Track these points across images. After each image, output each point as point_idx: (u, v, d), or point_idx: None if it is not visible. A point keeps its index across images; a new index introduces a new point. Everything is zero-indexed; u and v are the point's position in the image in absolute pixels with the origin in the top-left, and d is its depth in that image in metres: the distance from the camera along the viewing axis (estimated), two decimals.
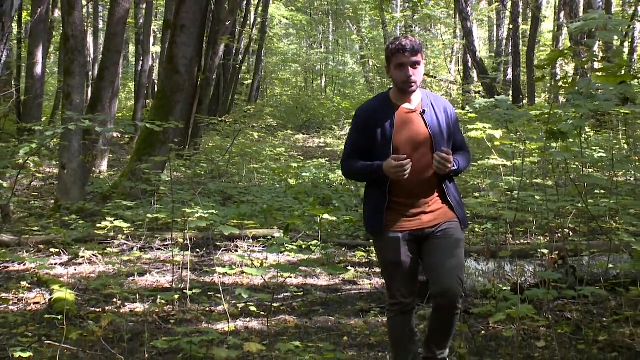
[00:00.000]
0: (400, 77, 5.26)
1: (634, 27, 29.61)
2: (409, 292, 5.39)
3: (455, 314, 5.26)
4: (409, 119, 5.35)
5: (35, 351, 6.78)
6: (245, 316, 8.23)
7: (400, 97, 5.40)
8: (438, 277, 5.21)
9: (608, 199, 10.60)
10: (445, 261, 5.23)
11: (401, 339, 5.44)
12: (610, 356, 6.79)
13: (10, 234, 11.87)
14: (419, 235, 5.33)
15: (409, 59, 5.21)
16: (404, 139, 5.30)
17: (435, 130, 5.33)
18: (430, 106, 5.41)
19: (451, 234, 5.33)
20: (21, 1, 9.95)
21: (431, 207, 5.35)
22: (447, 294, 5.15)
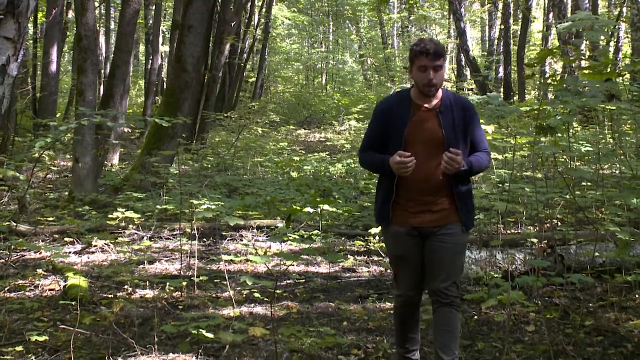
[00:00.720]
0: (421, 79, 5.14)
1: (619, 28, 29.68)
2: (413, 285, 5.33)
3: (452, 311, 5.21)
4: (425, 118, 5.22)
5: (51, 335, 6.79)
6: (249, 302, 8.24)
7: (420, 96, 5.26)
8: (433, 278, 5.20)
9: (594, 190, 10.61)
10: (441, 265, 5.19)
11: (405, 329, 5.41)
12: (596, 340, 6.80)
13: (26, 224, 11.87)
14: (420, 232, 5.24)
15: (432, 63, 5.08)
16: (416, 137, 5.18)
17: (449, 130, 5.19)
18: (449, 106, 5.26)
19: (451, 238, 5.22)
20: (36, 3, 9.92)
21: (437, 207, 5.22)
22: (441, 292, 5.16)
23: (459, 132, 5.21)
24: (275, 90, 47.00)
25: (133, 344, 6.51)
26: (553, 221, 10.87)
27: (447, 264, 5.20)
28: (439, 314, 5.22)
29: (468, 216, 5.30)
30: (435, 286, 5.18)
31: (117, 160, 20.13)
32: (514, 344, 6.71)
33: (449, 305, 5.19)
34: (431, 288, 5.23)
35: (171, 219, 12.08)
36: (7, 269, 9.63)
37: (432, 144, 5.17)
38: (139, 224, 11.55)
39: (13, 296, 8.40)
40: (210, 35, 19.50)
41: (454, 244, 5.23)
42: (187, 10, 16.16)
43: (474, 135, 5.31)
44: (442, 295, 5.17)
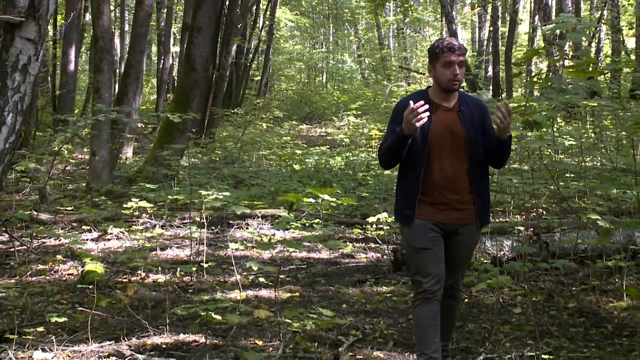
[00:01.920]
0: (447, 75, 4.95)
1: (600, 29, 29.65)
2: (435, 280, 4.98)
3: (455, 302, 5.22)
4: (446, 117, 5.04)
5: (69, 317, 6.79)
6: (255, 286, 8.24)
7: (439, 95, 5.09)
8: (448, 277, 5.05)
9: (577, 182, 10.61)
10: (457, 262, 5.11)
11: (425, 328, 5.03)
12: (578, 321, 6.80)
13: (47, 213, 11.87)
14: (444, 229, 5.03)
15: (458, 58, 4.94)
16: (440, 135, 4.98)
17: (470, 128, 5.02)
18: (466, 105, 5.11)
19: (470, 238, 5.12)
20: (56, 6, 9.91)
21: (461, 205, 5.03)
22: (451, 289, 5.11)
23: (478, 129, 5.06)
24: (279, 88, 46.93)
25: (146, 325, 6.52)
26: (538, 210, 10.86)
27: (462, 262, 5.17)
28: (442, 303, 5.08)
29: (484, 214, 5.14)
30: (447, 281, 5.06)
31: (131, 154, 20.14)
32: (502, 325, 6.71)
33: (452, 297, 5.16)
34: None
35: (182, 208, 12.07)
36: (29, 255, 9.63)
37: (455, 142, 5.00)
38: (152, 213, 11.55)
39: (34, 280, 8.41)
40: (218, 36, 19.47)
41: (471, 243, 5.19)
42: (197, 13, 16.15)
43: (491, 133, 5.10)
44: (450, 289, 5.12)
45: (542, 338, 6.28)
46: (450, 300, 5.17)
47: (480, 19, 37.40)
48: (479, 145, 5.05)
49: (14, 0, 9.03)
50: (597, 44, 31.21)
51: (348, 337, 6.40)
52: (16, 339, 5.99)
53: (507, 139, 4.97)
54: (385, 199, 13.18)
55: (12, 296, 7.33)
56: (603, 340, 6.25)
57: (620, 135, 14.85)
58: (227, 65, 23.46)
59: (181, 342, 6.24)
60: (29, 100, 9.29)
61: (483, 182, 5.13)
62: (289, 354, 5.93)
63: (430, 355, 4.93)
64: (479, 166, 5.06)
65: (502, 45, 31.79)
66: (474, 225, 5.09)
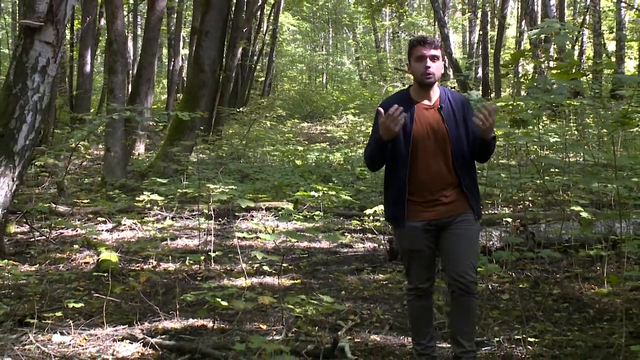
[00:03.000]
0: (419, 68, 4.73)
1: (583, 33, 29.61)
2: (425, 278, 4.89)
3: (472, 299, 4.78)
4: (427, 115, 4.79)
5: (86, 302, 6.80)
6: (259, 274, 8.24)
7: (419, 93, 4.84)
8: (453, 265, 4.77)
9: (561, 176, 10.60)
10: (460, 251, 4.79)
11: (418, 321, 4.98)
12: (562, 306, 6.81)
13: (64, 205, 11.88)
14: (437, 225, 4.79)
15: (429, 51, 4.71)
16: (422, 133, 4.75)
17: (452, 124, 4.78)
18: (448, 102, 4.84)
19: (467, 225, 4.80)
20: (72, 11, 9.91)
21: (448, 199, 4.79)
22: (461, 279, 4.72)
23: (460, 126, 4.83)
24: (282, 88, 46.89)
25: (157, 310, 6.52)
26: (525, 203, 10.86)
27: (466, 249, 4.79)
28: (457, 301, 4.82)
29: (477, 205, 4.88)
30: (454, 273, 4.75)
31: (143, 150, 20.11)
32: (491, 310, 6.71)
33: (466, 293, 4.76)
34: (451, 276, 4.79)
35: (190, 201, 12.07)
36: (48, 245, 9.65)
37: (437, 139, 4.77)
38: (163, 206, 11.55)
39: (53, 268, 8.42)
40: (225, 40, 19.42)
41: (470, 230, 4.82)
42: (204, 18, 16.14)
43: (475, 129, 4.80)
44: (460, 283, 4.73)
45: (529, 322, 6.28)
46: (466, 296, 4.75)
47: (471, 23, 37.38)
48: (463, 141, 4.83)
49: (33, 5, 9.02)
50: (580, 47, 31.20)
51: (347, 322, 6.40)
52: (36, 323, 6.00)
53: (490, 140, 4.74)
54: (382, 193, 13.17)
55: (33, 283, 7.36)
56: (585, 324, 6.26)
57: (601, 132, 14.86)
58: (233, 66, 23.44)
59: (190, 326, 6.25)
60: (48, 100, 9.28)
61: (470, 176, 4.88)
62: (292, 337, 5.93)
63: (426, 345, 4.91)
64: (464, 162, 4.82)
65: (491, 48, 31.75)
66: (468, 214, 4.82)
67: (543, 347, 5.67)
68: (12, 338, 5.69)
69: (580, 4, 36.01)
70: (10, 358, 5.11)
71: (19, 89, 8.70)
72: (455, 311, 4.86)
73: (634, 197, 8.41)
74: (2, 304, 6.67)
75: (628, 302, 6.55)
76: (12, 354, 5.24)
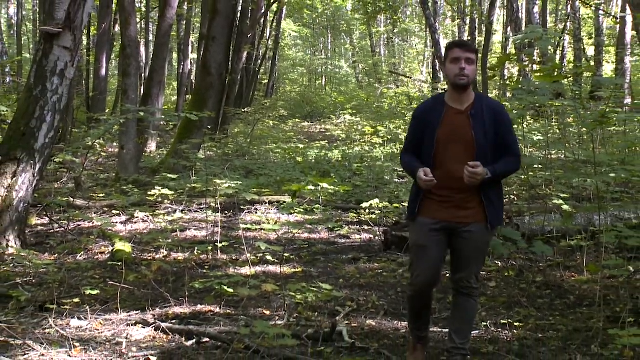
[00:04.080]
0: (453, 70, 4.57)
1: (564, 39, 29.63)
2: (429, 277, 4.67)
3: (471, 301, 4.74)
4: (456, 120, 4.60)
5: (101, 290, 6.80)
6: (263, 263, 8.24)
7: (453, 98, 4.67)
8: (459, 271, 4.71)
9: (544, 172, 10.62)
10: (467, 259, 4.67)
11: (417, 315, 4.84)
12: (545, 293, 6.82)
13: (81, 199, 11.88)
14: (447, 227, 4.61)
15: (464, 54, 4.54)
16: (446, 136, 4.58)
17: (479, 132, 4.56)
18: (480, 109, 4.62)
19: (478, 235, 4.61)
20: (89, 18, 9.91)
21: (467, 205, 4.59)
22: (464, 284, 4.69)
23: (489, 134, 4.58)
24: (284, 90, 46.86)
25: (168, 297, 6.52)
26: (511, 197, 10.86)
27: (471, 261, 4.69)
28: (458, 301, 4.80)
29: (494, 215, 4.64)
30: (458, 276, 4.73)
31: (154, 148, 20.11)
32: (479, 297, 6.71)
33: (467, 295, 4.74)
34: (454, 278, 4.78)
35: (199, 195, 12.06)
36: (66, 236, 9.65)
37: (463, 145, 4.57)
38: (173, 200, 11.55)
39: (71, 258, 8.43)
40: (231, 45, 19.43)
41: (479, 242, 4.65)
42: (212, 25, 16.13)
43: (505, 139, 4.65)
44: (462, 284, 4.72)
45: (514, 308, 6.30)
46: (466, 297, 4.74)
47: (460, 29, 37.30)
48: (488, 149, 4.58)
49: (52, 13, 9.03)
50: (561, 52, 31.23)
51: (344, 308, 6.41)
52: (55, 308, 6.01)
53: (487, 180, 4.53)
54: (377, 187, 13.18)
55: (52, 271, 7.36)
56: (566, 310, 6.27)
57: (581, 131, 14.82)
58: (238, 70, 23.43)
59: (199, 311, 6.25)
60: (66, 101, 9.32)
61: (492, 183, 4.62)
62: (293, 322, 5.94)
63: (419, 327, 4.84)
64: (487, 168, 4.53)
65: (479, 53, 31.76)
66: (482, 225, 4.61)
67: (527, 331, 5.69)
68: (34, 322, 5.72)
69: (561, 12, 36.03)
70: (32, 341, 5.12)
71: (39, 91, 8.73)
72: (455, 310, 4.85)
73: (612, 192, 8.43)
74: (24, 291, 6.68)
75: (606, 289, 6.56)
76: (33, 337, 5.26)
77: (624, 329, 4.77)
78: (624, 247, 6.85)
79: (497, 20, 38.26)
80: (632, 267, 7.00)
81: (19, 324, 5.60)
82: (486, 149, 4.57)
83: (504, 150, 4.65)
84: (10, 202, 8.41)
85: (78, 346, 5.10)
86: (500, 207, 4.74)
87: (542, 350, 5.22)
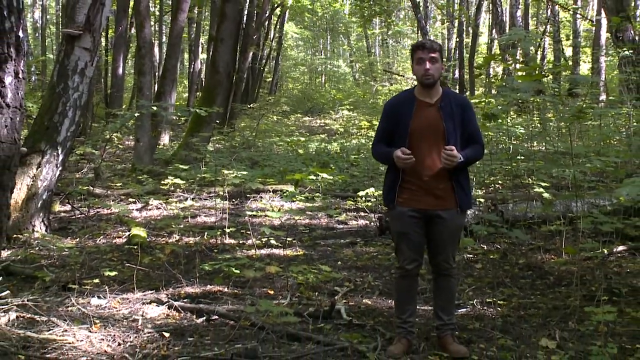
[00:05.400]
0: (419, 70, 4.59)
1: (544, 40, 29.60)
2: (411, 260, 4.66)
3: (451, 280, 4.76)
4: (427, 112, 4.61)
5: (119, 271, 6.80)
6: (267, 247, 8.24)
7: (422, 92, 4.67)
8: (436, 254, 4.71)
9: (526, 162, 10.60)
10: (443, 242, 4.68)
11: (402, 298, 4.81)
12: (527, 274, 6.82)
13: (100, 188, 11.88)
14: (424, 214, 4.61)
15: (428, 54, 4.56)
16: (419, 127, 4.58)
17: (449, 122, 4.58)
18: (449, 102, 4.64)
19: (451, 220, 4.63)
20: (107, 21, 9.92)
21: (439, 192, 4.59)
22: (442, 266, 4.71)
23: (457, 125, 4.62)
24: (287, 88, 46.77)
25: (180, 278, 6.53)
26: (495, 185, 10.86)
27: (447, 243, 4.69)
28: (438, 281, 4.81)
29: (464, 199, 4.66)
30: (436, 260, 4.74)
31: (167, 141, 20.09)
32: (466, 278, 6.72)
33: (447, 275, 4.76)
34: (433, 262, 4.79)
35: (208, 184, 12.06)
36: (86, 222, 9.65)
37: (434, 135, 4.59)
38: (184, 188, 11.55)
39: (91, 242, 8.43)
40: (237, 46, 19.39)
41: (452, 226, 4.67)
42: (220, 27, 16.11)
43: (470, 129, 4.69)
44: (441, 266, 4.74)
45: (498, 288, 6.30)
46: (447, 278, 4.76)
47: (449, 31, 37.28)
48: (458, 139, 4.61)
49: (73, 17, 9.02)
50: (542, 52, 31.22)
51: (342, 288, 6.42)
52: (77, 288, 6.03)
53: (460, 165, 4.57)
54: (373, 177, 13.16)
55: (74, 254, 7.37)
56: (546, 289, 6.27)
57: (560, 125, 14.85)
58: (244, 69, 23.39)
59: (208, 291, 6.25)
60: (86, 98, 9.31)
61: (461, 170, 4.66)
62: (295, 301, 5.95)
63: (405, 320, 4.75)
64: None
65: (466, 53, 31.67)
66: (454, 210, 4.63)
67: (510, 308, 5.69)
68: (57, 301, 5.73)
69: (542, 15, 35.93)
70: (56, 317, 5.13)
71: (61, 88, 8.71)
72: (437, 290, 4.85)
73: (588, 181, 8.43)
74: (49, 272, 6.70)
75: (582, 270, 6.56)
76: (57, 314, 5.27)
77: (598, 307, 4.80)
78: (599, 231, 6.84)
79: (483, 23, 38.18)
80: (606, 250, 7.02)
81: (44, 302, 5.60)
82: (455, 139, 4.61)
83: (470, 139, 4.69)
84: (36, 191, 8.41)
85: (98, 323, 5.11)
86: (469, 192, 4.75)
87: (524, 326, 5.23)
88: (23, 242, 8.06)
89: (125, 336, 4.85)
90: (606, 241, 7.18)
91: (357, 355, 4.53)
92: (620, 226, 6.57)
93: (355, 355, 4.53)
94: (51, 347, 4.57)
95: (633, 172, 9.22)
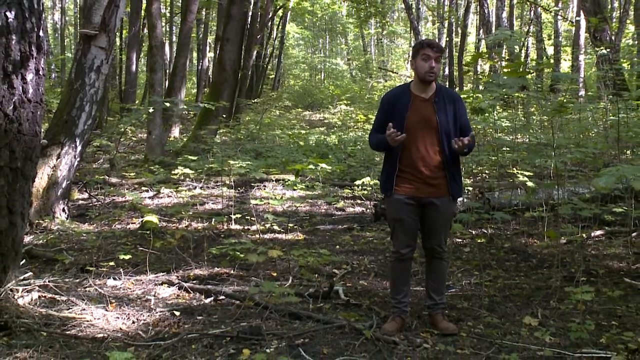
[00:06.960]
0: (424, 67, 4.57)
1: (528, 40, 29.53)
2: (406, 245, 4.67)
3: (442, 263, 4.77)
4: (422, 106, 4.61)
5: (133, 254, 6.81)
6: (270, 232, 8.25)
7: (419, 88, 4.67)
8: (429, 238, 4.71)
9: (511, 153, 10.60)
10: (436, 228, 4.66)
11: (397, 280, 4.78)
12: (511, 257, 6.83)
13: (115, 177, 11.87)
14: (419, 201, 4.60)
15: (435, 54, 4.56)
16: (414, 120, 4.58)
17: (443, 116, 4.59)
18: (442, 97, 4.65)
19: (444, 207, 4.63)
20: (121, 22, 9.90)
21: (433, 181, 4.59)
22: (435, 249, 4.71)
23: (450, 118, 4.62)
24: (288, 84, 46.64)
25: (189, 261, 6.54)
26: (483, 175, 10.86)
27: (440, 229, 4.69)
28: (430, 264, 4.81)
29: (456, 188, 4.67)
30: (429, 244, 4.74)
31: (177, 133, 20.06)
32: (455, 261, 6.73)
33: (439, 259, 4.76)
34: (426, 246, 4.79)
35: (215, 174, 12.06)
36: (102, 209, 9.65)
37: (428, 128, 4.59)
38: (193, 178, 11.54)
39: (107, 227, 8.43)
40: (242, 45, 19.35)
41: (445, 213, 4.66)
42: (226, 28, 16.08)
43: (462, 121, 4.69)
44: (434, 250, 4.73)
45: (485, 270, 6.31)
46: (438, 261, 4.75)
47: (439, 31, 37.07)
48: (450, 132, 4.61)
49: (90, 18, 9.02)
50: (526, 51, 31.16)
51: (340, 270, 6.42)
52: (94, 270, 6.05)
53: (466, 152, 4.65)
54: (369, 167, 13.16)
55: (91, 239, 7.38)
56: (529, 271, 6.29)
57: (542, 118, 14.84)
58: (249, 66, 23.31)
59: (215, 273, 6.26)
60: (102, 93, 9.30)
61: (453, 161, 4.67)
62: (296, 282, 5.96)
63: (399, 300, 4.73)
64: (449, 148, 4.59)
65: (455, 51, 31.62)
66: (447, 198, 4.64)
67: (496, 289, 5.70)
68: (76, 282, 5.74)
69: (526, 17, 35.85)
70: (75, 297, 5.14)
71: (78, 85, 8.70)
72: (429, 272, 4.84)
73: (568, 170, 8.43)
74: (68, 255, 6.71)
75: (563, 253, 6.57)
76: (75, 294, 5.29)
77: (577, 287, 4.81)
78: (578, 217, 6.86)
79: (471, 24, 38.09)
80: (585, 234, 7.04)
81: (64, 283, 5.61)
82: (448, 131, 4.61)
83: (461, 131, 4.68)
84: (56, 180, 8.41)
85: (114, 302, 5.12)
86: (460, 182, 4.75)
87: (508, 305, 5.24)
88: (44, 227, 8.06)
89: (138, 315, 4.86)
90: (585, 226, 7.21)
91: (354, 333, 4.54)
92: (598, 212, 6.60)
93: (353, 333, 4.54)
94: (70, 324, 4.59)
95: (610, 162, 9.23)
